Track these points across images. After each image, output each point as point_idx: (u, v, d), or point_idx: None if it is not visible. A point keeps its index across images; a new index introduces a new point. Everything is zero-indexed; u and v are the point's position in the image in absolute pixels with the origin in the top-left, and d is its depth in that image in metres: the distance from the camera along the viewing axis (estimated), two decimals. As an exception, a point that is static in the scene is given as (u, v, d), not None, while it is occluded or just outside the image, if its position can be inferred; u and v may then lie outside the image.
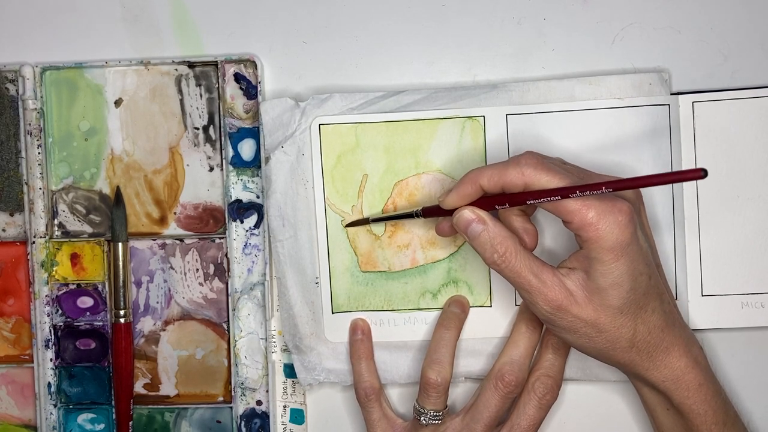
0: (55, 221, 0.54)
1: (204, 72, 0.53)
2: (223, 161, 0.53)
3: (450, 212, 0.46)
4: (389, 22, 0.52)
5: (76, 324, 0.55)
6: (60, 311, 0.55)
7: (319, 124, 0.51)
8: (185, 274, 0.54)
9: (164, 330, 0.55)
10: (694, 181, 0.50)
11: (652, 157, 0.49)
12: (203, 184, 0.54)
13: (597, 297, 0.42)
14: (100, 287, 0.54)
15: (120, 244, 0.53)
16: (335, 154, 0.51)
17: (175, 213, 0.54)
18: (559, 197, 0.41)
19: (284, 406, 0.54)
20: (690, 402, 0.45)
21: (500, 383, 0.48)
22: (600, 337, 0.43)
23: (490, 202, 0.44)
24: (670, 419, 0.47)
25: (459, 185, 0.45)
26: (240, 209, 0.53)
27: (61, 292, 0.55)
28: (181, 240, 0.54)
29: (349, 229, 0.52)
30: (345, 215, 0.51)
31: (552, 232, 0.50)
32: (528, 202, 0.42)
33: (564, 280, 0.43)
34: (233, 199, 0.53)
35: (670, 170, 0.49)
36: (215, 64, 0.53)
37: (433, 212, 0.48)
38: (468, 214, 0.44)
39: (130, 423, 0.54)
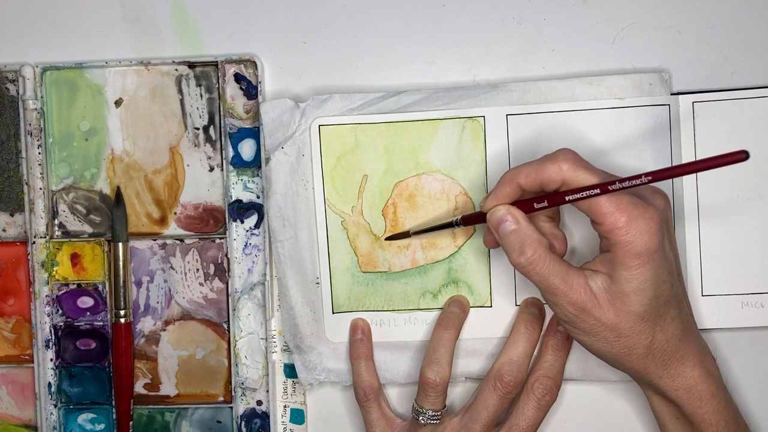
0: (56, 221, 0.54)
1: (204, 72, 0.53)
2: (224, 161, 0.53)
3: None
4: (389, 22, 0.52)
5: (76, 324, 0.55)
6: (60, 311, 0.55)
7: (319, 125, 0.51)
8: (185, 274, 0.54)
9: (164, 330, 0.55)
10: (694, 181, 0.50)
11: (653, 157, 0.49)
12: (203, 184, 0.54)
13: (619, 301, 0.42)
14: (100, 287, 0.55)
15: (120, 244, 0.53)
16: (335, 155, 0.51)
17: (175, 213, 0.54)
18: (599, 191, 0.41)
19: (284, 406, 0.54)
20: (702, 412, 0.45)
21: (499, 383, 0.48)
22: (618, 342, 0.43)
23: (529, 203, 0.44)
24: (679, 428, 0.46)
25: (497, 187, 0.44)
26: (240, 209, 0.53)
27: (61, 292, 0.55)
28: (182, 240, 0.54)
29: (349, 229, 0.52)
30: (345, 216, 0.51)
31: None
32: (567, 199, 0.42)
33: (588, 282, 0.43)
34: (233, 199, 0.53)
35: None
36: (215, 64, 0.53)
37: (473, 219, 0.47)
38: (502, 211, 0.44)
39: (131, 423, 0.54)
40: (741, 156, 0.36)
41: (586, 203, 0.42)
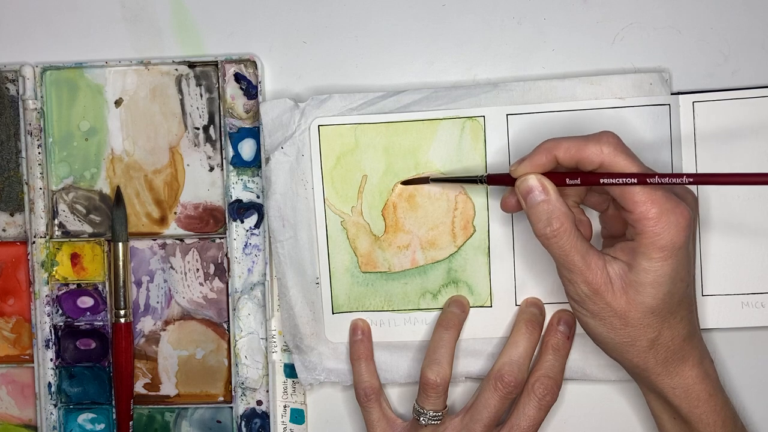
0: (56, 221, 0.54)
1: (204, 72, 0.53)
2: (224, 161, 0.53)
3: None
4: (389, 22, 0.52)
5: (76, 324, 0.55)
6: (60, 311, 0.55)
7: (319, 125, 0.51)
8: (185, 274, 0.54)
9: (164, 330, 0.55)
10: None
11: (653, 157, 0.49)
12: (203, 184, 0.54)
13: (633, 290, 0.42)
14: (100, 287, 0.55)
15: (120, 244, 0.53)
16: (335, 155, 0.51)
17: (175, 213, 0.54)
18: (636, 181, 0.41)
19: (284, 406, 0.54)
20: (699, 412, 0.45)
21: (500, 384, 0.48)
22: (624, 330, 0.43)
23: (561, 176, 0.43)
24: (676, 428, 0.46)
25: (533, 154, 0.44)
26: (240, 209, 0.53)
27: (61, 292, 0.55)
28: (182, 240, 0.54)
29: (348, 229, 0.52)
30: (345, 216, 0.51)
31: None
32: (602, 181, 0.42)
33: (607, 266, 0.43)
34: (233, 199, 0.53)
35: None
36: (215, 64, 0.53)
37: (500, 180, 0.47)
38: (533, 180, 0.43)
39: (131, 423, 0.54)
40: None
41: (619, 189, 0.41)
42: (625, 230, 0.46)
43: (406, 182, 0.51)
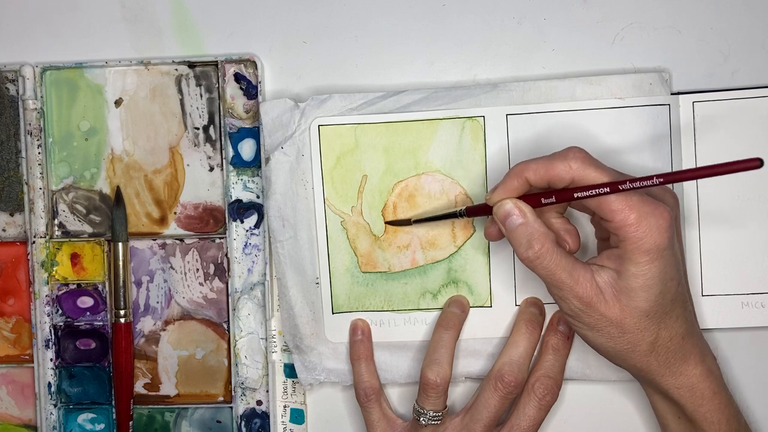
0: (56, 221, 0.54)
1: (204, 72, 0.53)
2: (224, 161, 0.53)
3: None
4: (389, 22, 0.52)
5: (76, 324, 0.55)
6: (60, 311, 0.55)
7: (319, 125, 0.51)
8: (185, 274, 0.54)
9: (164, 330, 0.55)
10: (694, 181, 0.50)
11: (653, 157, 0.49)
12: (203, 184, 0.54)
13: (625, 297, 0.42)
14: (100, 287, 0.55)
15: (120, 244, 0.53)
16: (335, 155, 0.51)
17: (175, 213, 0.54)
18: (608, 190, 0.41)
19: (284, 406, 0.54)
20: (704, 410, 0.45)
21: (500, 384, 0.48)
22: (622, 338, 0.43)
23: (536, 197, 0.44)
24: (681, 427, 0.46)
25: (505, 180, 0.44)
26: (240, 209, 0.53)
27: (61, 292, 0.55)
28: (181, 240, 0.54)
29: (349, 229, 0.52)
30: (345, 216, 0.51)
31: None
32: (576, 196, 0.42)
33: (595, 277, 0.43)
34: (233, 198, 0.53)
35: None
36: (215, 64, 0.53)
37: (478, 211, 0.47)
38: (509, 205, 0.44)
39: (130, 423, 0.54)
40: (756, 163, 0.36)
41: (595, 200, 0.41)
42: None
43: (389, 222, 0.51)
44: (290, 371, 0.54)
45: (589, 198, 0.41)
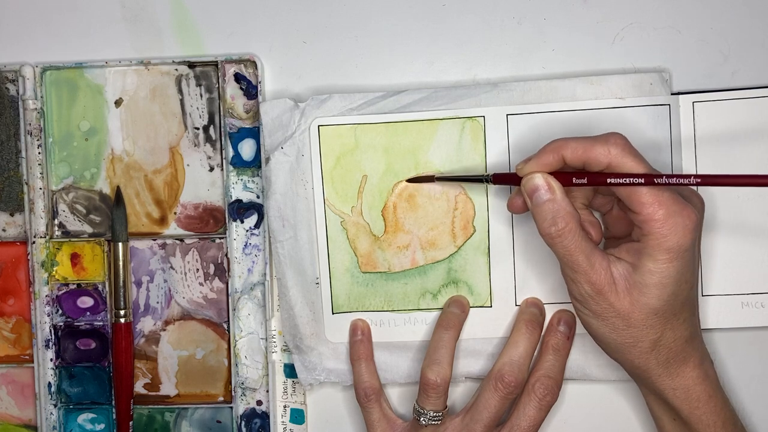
0: (56, 221, 0.54)
1: (204, 72, 0.53)
2: (224, 161, 0.53)
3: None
4: (389, 22, 0.52)
5: (76, 324, 0.55)
6: (60, 311, 0.55)
7: (318, 126, 0.51)
8: (185, 274, 0.54)
9: (164, 330, 0.55)
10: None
11: (653, 157, 0.49)
12: (203, 184, 0.54)
13: (637, 291, 0.42)
14: (100, 287, 0.55)
15: (120, 244, 0.53)
16: (335, 155, 0.51)
17: (175, 213, 0.54)
18: (642, 181, 0.40)
19: (284, 406, 0.54)
20: (699, 413, 0.45)
21: (500, 384, 0.48)
22: (626, 331, 0.43)
23: (568, 176, 0.43)
24: (676, 429, 0.46)
25: (540, 153, 0.44)
26: (240, 209, 0.53)
27: (61, 292, 0.55)
28: (182, 240, 0.54)
29: (348, 229, 0.52)
30: (344, 216, 0.51)
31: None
32: (609, 181, 0.41)
33: (611, 266, 0.43)
34: (233, 199, 0.53)
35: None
36: (215, 64, 0.53)
37: (506, 179, 0.47)
38: (539, 179, 0.43)
39: (130, 423, 0.54)
40: None
41: (627, 190, 0.41)
42: (628, 231, 0.46)
43: (411, 180, 0.51)
44: (290, 371, 0.54)
45: (622, 186, 0.41)
